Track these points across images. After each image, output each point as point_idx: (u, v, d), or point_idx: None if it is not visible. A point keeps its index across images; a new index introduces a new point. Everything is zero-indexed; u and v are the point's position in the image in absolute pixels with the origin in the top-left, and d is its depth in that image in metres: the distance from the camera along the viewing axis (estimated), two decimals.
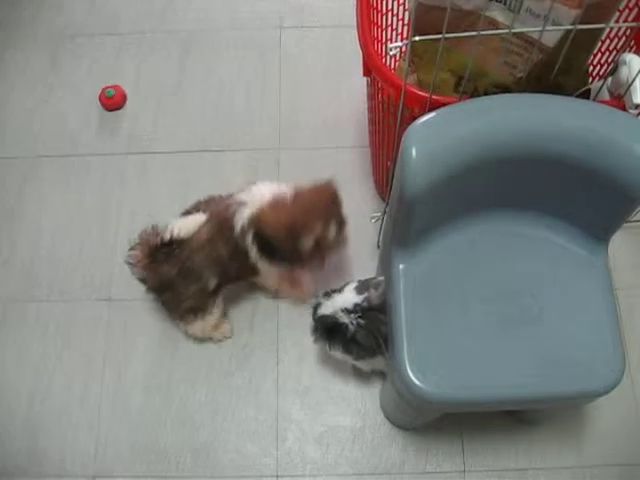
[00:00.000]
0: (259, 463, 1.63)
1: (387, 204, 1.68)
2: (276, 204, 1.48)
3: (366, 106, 1.80)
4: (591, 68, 1.59)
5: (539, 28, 1.18)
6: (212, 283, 1.57)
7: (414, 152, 1.16)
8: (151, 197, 1.94)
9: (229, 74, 2.14)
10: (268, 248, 1.52)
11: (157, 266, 1.50)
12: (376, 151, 1.77)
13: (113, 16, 2.25)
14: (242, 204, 1.51)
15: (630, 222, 1.80)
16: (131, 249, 1.53)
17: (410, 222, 1.28)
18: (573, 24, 1.20)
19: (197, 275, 1.53)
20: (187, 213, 1.58)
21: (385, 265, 1.46)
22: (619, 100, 1.35)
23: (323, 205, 1.50)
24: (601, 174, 1.23)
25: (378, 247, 1.83)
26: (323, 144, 2.01)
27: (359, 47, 1.38)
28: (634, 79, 1.30)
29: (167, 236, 1.47)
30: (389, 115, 1.50)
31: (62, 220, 1.92)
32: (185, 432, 1.67)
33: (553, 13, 1.21)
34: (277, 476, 1.62)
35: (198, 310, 1.61)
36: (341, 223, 1.55)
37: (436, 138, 1.18)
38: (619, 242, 1.80)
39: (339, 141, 2.01)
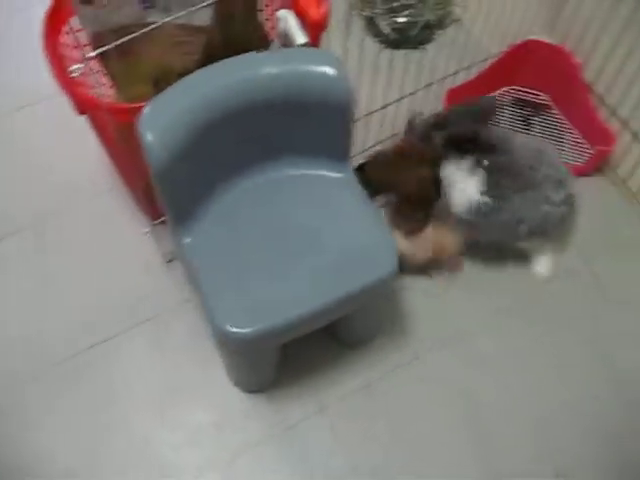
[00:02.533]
0: None
1: (160, 216, 1.81)
2: None
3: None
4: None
5: (182, 12, 1.37)
6: None
7: (149, 135, 1.32)
8: None
9: None
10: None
11: None
12: (128, 179, 1.90)
13: None
14: None
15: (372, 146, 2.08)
16: None
17: (174, 197, 1.44)
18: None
19: None
20: None
21: (176, 246, 1.60)
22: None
23: None
24: (312, 102, 1.47)
25: (168, 261, 1.96)
26: (77, 202, 2.11)
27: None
28: (290, 27, 1.54)
29: None
30: (121, 138, 1.63)
31: None
32: None
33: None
34: None
35: None
36: None
37: (165, 117, 1.36)
38: None
39: (92, 191, 2.13)
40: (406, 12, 1.58)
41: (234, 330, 1.42)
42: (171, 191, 1.44)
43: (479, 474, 1.70)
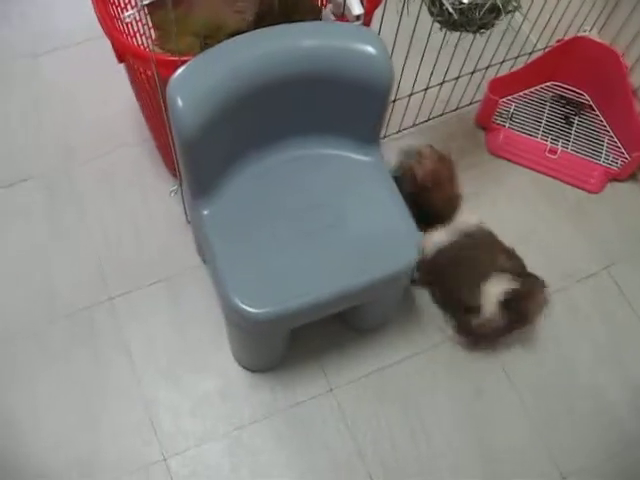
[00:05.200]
0: (143, 452, 1.66)
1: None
2: None
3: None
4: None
5: None
6: None
7: (179, 100, 1.26)
8: None
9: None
10: None
11: None
12: (158, 135, 1.85)
13: None
14: None
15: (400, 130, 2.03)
16: None
17: (198, 167, 1.38)
18: None
19: None
20: None
21: (193, 216, 1.55)
22: (343, 18, 1.54)
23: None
24: (347, 80, 1.41)
25: (188, 222, 1.92)
26: (108, 149, 2.06)
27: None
28: None
29: None
30: (156, 93, 1.58)
31: None
32: (64, 449, 1.66)
33: None
34: (164, 459, 1.65)
35: None
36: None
37: (197, 83, 1.30)
38: None
39: (123, 142, 2.08)
40: None
41: (246, 309, 1.37)
42: (195, 160, 1.39)
43: (483, 470, 1.68)
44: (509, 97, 2.20)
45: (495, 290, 1.60)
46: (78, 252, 1.90)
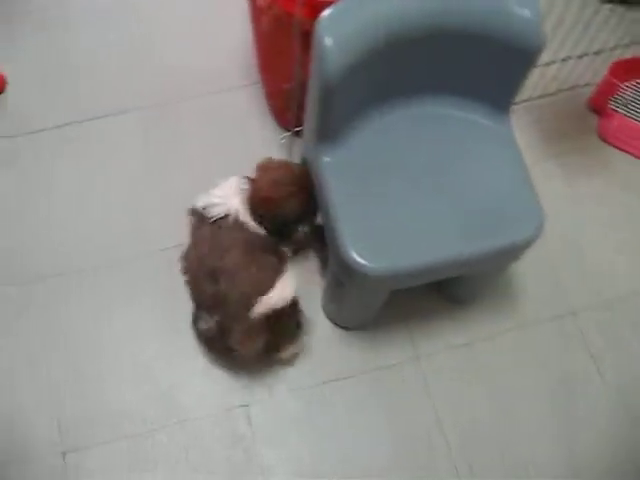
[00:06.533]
0: (225, 397, 1.66)
1: (295, 125, 1.74)
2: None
3: (248, 43, 1.85)
4: None
5: None
6: None
7: (327, 40, 1.22)
8: (49, 174, 1.91)
9: (99, 38, 2.12)
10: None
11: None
12: (269, 79, 1.82)
13: None
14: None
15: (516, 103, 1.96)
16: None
17: (331, 112, 1.35)
18: None
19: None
20: None
21: (311, 163, 1.52)
22: None
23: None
24: (497, 41, 1.36)
25: None
26: (214, 89, 2.03)
27: None
28: None
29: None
30: (281, 33, 1.55)
31: None
32: (142, 386, 1.67)
33: None
34: (247, 405, 1.66)
35: None
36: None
37: (347, 24, 1.25)
38: None
39: (230, 83, 2.04)
40: None
41: (361, 261, 1.35)
42: (329, 104, 1.35)
43: (564, 465, 1.64)
44: (628, 83, 2.11)
45: None
46: (169, 190, 1.90)
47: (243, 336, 1.49)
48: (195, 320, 1.61)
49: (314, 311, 1.75)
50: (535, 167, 1.58)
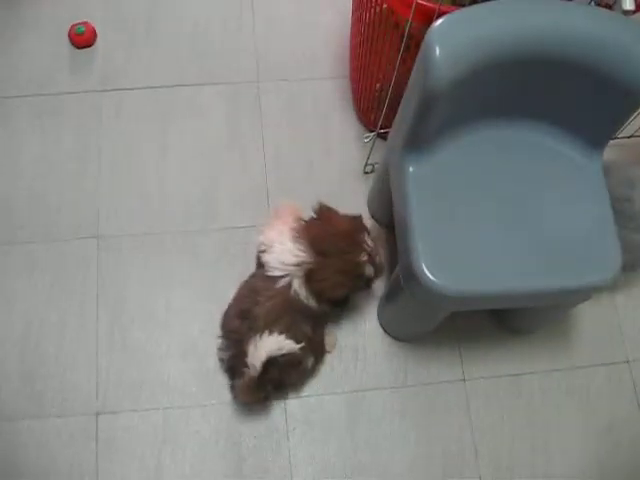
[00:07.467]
0: None
1: (381, 127, 1.71)
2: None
3: (344, 37, 1.82)
4: None
5: None
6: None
7: (438, 50, 1.18)
8: (129, 133, 1.91)
9: (202, 6, 2.11)
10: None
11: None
12: (360, 76, 1.79)
13: None
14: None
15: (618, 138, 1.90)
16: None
17: (426, 122, 1.31)
18: None
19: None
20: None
21: (394, 170, 1.50)
22: (609, 9, 1.42)
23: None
24: (603, 75, 1.30)
25: (365, 172, 1.86)
26: (302, 76, 2.01)
27: None
28: None
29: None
30: (383, 32, 1.52)
31: (40, 161, 1.86)
32: (187, 362, 1.68)
33: None
34: (283, 399, 1.65)
35: None
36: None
37: (458, 37, 1.21)
38: None
39: (318, 72, 2.02)
40: None
41: (431, 279, 1.31)
42: (426, 114, 1.31)
43: None
44: None
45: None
46: (244, 168, 1.89)
47: (242, 387, 1.49)
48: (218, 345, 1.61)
49: (367, 314, 1.73)
50: None
